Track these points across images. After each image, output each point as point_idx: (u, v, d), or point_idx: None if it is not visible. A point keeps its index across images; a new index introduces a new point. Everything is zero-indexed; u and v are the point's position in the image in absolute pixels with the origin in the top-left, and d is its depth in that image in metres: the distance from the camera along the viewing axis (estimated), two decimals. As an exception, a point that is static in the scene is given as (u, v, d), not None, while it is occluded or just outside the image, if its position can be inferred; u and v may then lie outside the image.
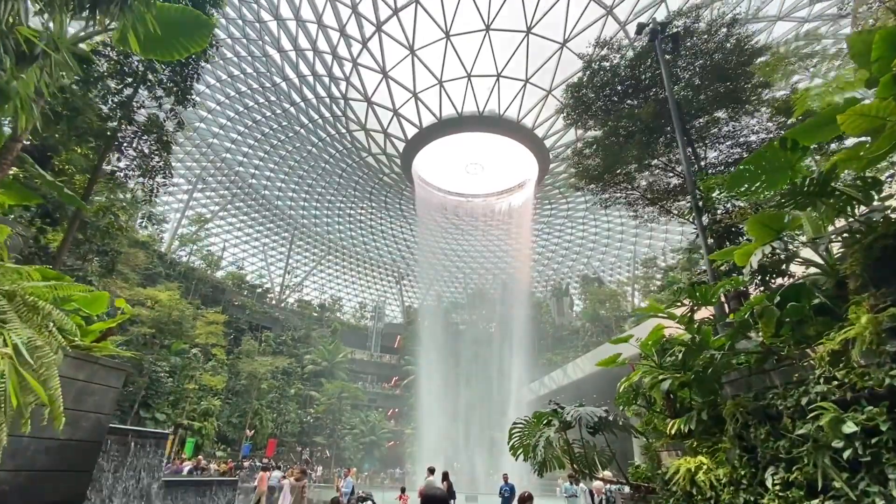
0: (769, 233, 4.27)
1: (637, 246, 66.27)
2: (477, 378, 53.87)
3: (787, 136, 3.93)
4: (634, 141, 9.90)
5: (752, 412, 4.14)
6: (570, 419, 6.16)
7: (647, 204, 11.81)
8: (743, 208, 6.75)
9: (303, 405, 50.58)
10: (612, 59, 10.66)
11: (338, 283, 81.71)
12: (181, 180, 57.03)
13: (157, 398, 34.49)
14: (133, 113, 10.67)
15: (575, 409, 6.35)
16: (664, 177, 11.39)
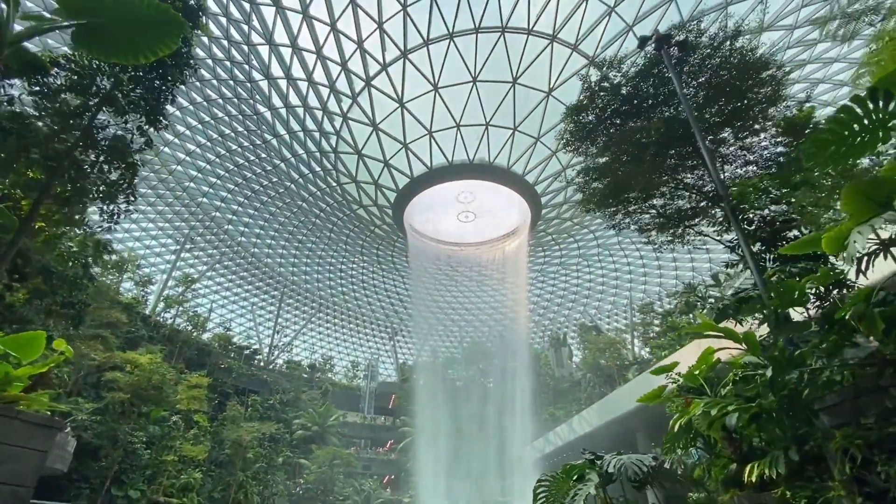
0: (870, 207, 3.42)
1: (633, 292, 65.63)
2: (477, 438, 51.03)
3: (877, 86, 3.24)
4: (644, 161, 9.36)
5: (876, 444, 3.14)
6: (612, 471, 4.99)
7: (659, 229, 11.13)
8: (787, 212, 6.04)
9: (291, 475, 46.91)
10: (612, 79, 10.39)
11: (329, 342, 79.19)
12: (169, 241, 56.31)
13: (132, 473, 31.58)
14: (96, 132, 9.91)
15: (616, 457, 5.20)
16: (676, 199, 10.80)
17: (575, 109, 10.80)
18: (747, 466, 4.14)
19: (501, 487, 44.79)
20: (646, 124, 9.30)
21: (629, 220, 11.54)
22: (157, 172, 46.92)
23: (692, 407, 4.34)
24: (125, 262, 49.02)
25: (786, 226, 5.76)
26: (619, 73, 10.36)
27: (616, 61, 10.55)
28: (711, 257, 56.84)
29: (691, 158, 9.45)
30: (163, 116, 11.03)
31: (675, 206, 10.83)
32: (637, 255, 58.94)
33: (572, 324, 74.36)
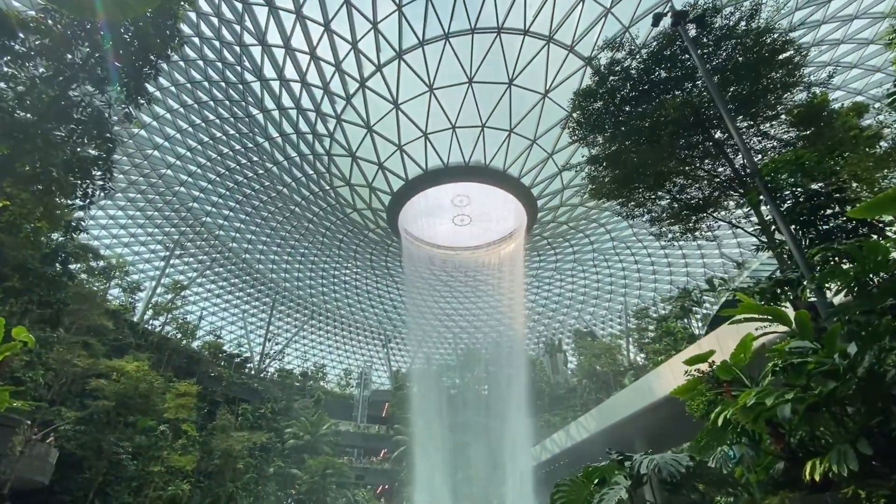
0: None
1: (627, 297, 65.44)
2: (472, 446, 50.20)
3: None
4: (657, 147, 8.93)
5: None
6: (644, 471, 4.47)
7: (672, 219, 10.70)
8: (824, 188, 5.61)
9: (283, 485, 45.72)
10: (623, 62, 9.97)
11: (321, 350, 78.08)
12: (158, 247, 55.28)
13: (117, 485, 30.44)
14: (75, 108, 9.23)
15: (647, 457, 4.68)
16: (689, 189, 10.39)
17: (584, 94, 10.37)
18: (808, 464, 3.64)
19: (498, 495, 43.93)
20: (663, 101, 8.88)
21: (641, 209, 11.08)
22: (147, 177, 46.11)
23: (742, 397, 3.84)
24: (113, 268, 47.98)
25: (829, 200, 5.33)
26: (630, 55, 9.95)
27: (626, 42, 10.12)
28: (706, 262, 56.92)
29: (704, 145, 9.07)
30: (145, 93, 10.41)
31: (688, 196, 10.41)
32: (632, 259, 58.81)
33: (567, 330, 74.05)
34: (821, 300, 4.49)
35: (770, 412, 4.03)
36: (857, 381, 3.41)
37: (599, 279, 63.45)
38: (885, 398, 3.41)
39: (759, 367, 5.18)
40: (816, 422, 4.06)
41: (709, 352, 4.77)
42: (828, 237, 5.25)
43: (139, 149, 42.07)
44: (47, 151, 8.49)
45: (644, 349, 58.17)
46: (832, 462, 3.41)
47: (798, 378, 4.15)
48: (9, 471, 20.02)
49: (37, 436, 24.74)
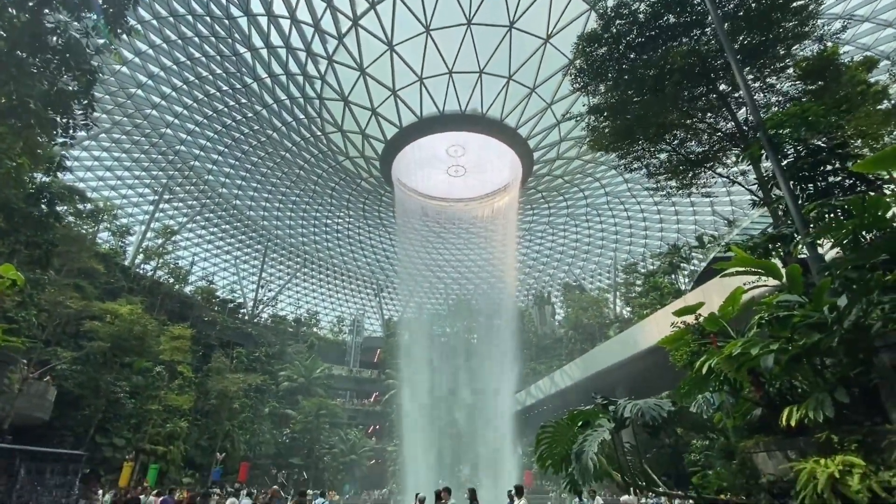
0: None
1: (618, 252, 66.14)
2: (460, 391, 52.15)
3: None
4: (660, 98, 8.67)
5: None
6: (628, 415, 4.65)
7: (670, 173, 10.58)
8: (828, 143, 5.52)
9: (278, 425, 47.67)
10: (631, 5, 9.46)
11: (314, 297, 78.95)
12: (146, 190, 54.20)
13: (116, 421, 31.50)
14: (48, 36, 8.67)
15: (631, 402, 4.86)
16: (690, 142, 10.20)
17: (588, 39, 9.90)
18: (785, 410, 3.80)
19: (483, 436, 46.19)
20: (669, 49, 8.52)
21: (639, 162, 10.91)
22: (131, 117, 44.43)
23: (728, 347, 3.94)
24: (101, 211, 47.30)
25: (831, 155, 5.25)
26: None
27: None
28: (697, 219, 57.27)
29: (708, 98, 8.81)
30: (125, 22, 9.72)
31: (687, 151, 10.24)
32: (624, 215, 58.95)
33: (557, 283, 75.22)
34: (813, 256, 4.53)
35: (753, 362, 4.16)
36: (842, 333, 3.51)
37: (591, 234, 63.80)
38: (868, 350, 3.52)
39: (746, 321, 5.30)
40: (796, 372, 4.20)
41: (698, 304, 4.85)
42: (825, 194, 5.23)
43: (122, 87, 40.25)
44: (23, 82, 7.99)
45: (630, 303, 59.58)
46: (809, 409, 3.56)
47: (783, 330, 4.25)
48: (8, 407, 20.54)
49: (34, 374, 25.23)
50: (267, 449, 44.16)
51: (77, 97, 9.26)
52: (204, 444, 38.81)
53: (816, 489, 3.41)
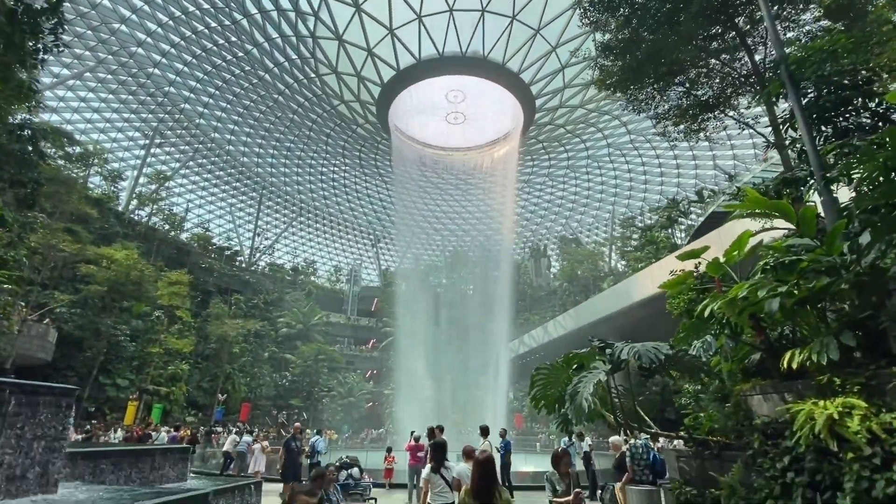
0: None
1: (616, 206, 65.76)
2: (455, 339, 53.24)
3: None
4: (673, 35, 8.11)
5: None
6: (625, 357, 4.61)
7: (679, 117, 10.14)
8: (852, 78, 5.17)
9: (277, 368, 49.04)
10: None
11: (311, 246, 78.92)
12: (136, 134, 52.68)
13: (118, 363, 32.28)
14: None
15: (628, 345, 4.80)
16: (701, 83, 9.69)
17: (599, -35, 9.17)
18: (787, 354, 3.74)
19: (477, 382, 47.65)
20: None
21: (648, 103, 10.42)
22: (116, 55, 42.35)
23: (734, 289, 3.82)
24: (91, 154, 46.27)
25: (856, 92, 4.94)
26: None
27: None
28: (698, 173, 56.57)
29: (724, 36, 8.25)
30: None
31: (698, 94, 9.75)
32: (625, 168, 58.11)
33: (553, 236, 75.27)
34: (827, 199, 4.33)
35: (757, 306, 4.06)
36: (857, 274, 3.37)
37: (590, 186, 63.13)
38: (882, 292, 3.41)
39: (749, 267, 5.17)
40: (798, 317, 4.12)
41: (703, 248, 4.70)
42: (844, 135, 4.97)
43: (104, 22, 38.06)
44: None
45: (626, 257, 59.95)
46: (813, 352, 3.49)
47: (789, 276, 4.11)
48: (9, 347, 20.86)
49: (32, 316, 25.50)
50: (267, 391, 45.65)
51: (45, 14, 8.57)
52: (205, 386, 40.06)
53: (813, 430, 3.39)
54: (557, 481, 5.00)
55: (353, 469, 6.22)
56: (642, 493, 6.89)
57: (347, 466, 6.39)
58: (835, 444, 3.26)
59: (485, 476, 3.59)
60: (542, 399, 6.08)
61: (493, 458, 3.80)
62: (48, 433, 4.51)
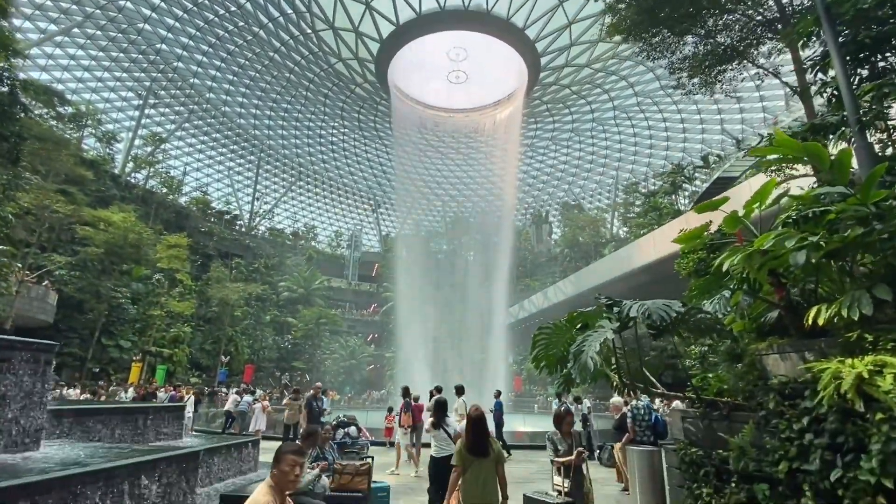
0: None
1: (619, 171, 64.73)
2: (456, 304, 53.53)
3: None
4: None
5: None
6: (634, 315, 4.35)
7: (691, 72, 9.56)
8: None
9: (280, 332, 49.57)
10: None
11: (311, 211, 78.30)
12: (129, 94, 51.30)
13: (121, 325, 32.49)
14: None
15: (637, 302, 4.54)
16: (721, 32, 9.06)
17: None
18: (812, 310, 3.46)
19: (477, 346, 48.22)
20: None
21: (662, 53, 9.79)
22: (104, 10, 40.68)
23: (759, 240, 3.50)
24: (83, 115, 45.25)
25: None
26: None
27: None
28: (705, 138, 55.32)
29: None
30: None
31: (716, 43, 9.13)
32: (630, 131, 56.82)
33: (555, 202, 74.48)
34: (862, 144, 3.95)
35: (779, 261, 3.76)
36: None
37: (594, 151, 61.93)
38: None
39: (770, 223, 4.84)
40: (823, 272, 3.82)
41: (723, 198, 4.35)
42: (882, 75, 4.54)
43: (88, -28, 36.35)
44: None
45: (628, 223, 59.52)
46: (843, 307, 3.21)
47: (815, 228, 3.78)
48: (8, 309, 20.86)
49: (30, 277, 25.43)
50: (270, 353, 46.28)
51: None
52: (208, 348, 40.55)
53: (838, 389, 3.15)
54: (559, 441, 4.85)
55: (350, 427, 6.21)
56: (643, 454, 6.81)
57: (344, 425, 6.34)
58: (861, 404, 3.02)
59: (478, 430, 3.99)
60: (544, 360, 5.87)
61: (485, 415, 4.22)
62: (28, 389, 4.31)
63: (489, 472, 3.90)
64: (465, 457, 3.93)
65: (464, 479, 3.91)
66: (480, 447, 3.92)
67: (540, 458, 12.09)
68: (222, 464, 6.23)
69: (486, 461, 3.90)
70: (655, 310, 4.35)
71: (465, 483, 3.89)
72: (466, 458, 3.92)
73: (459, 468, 3.95)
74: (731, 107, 49.64)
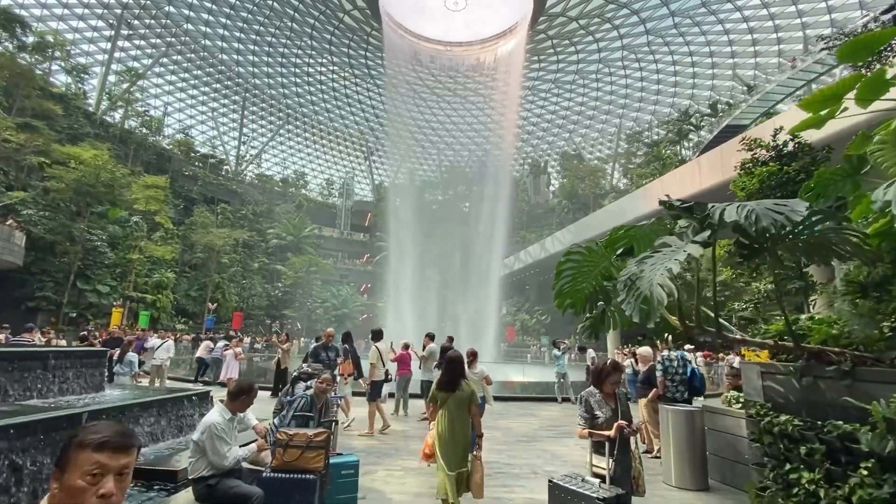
0: None
1: (623, 119, 61.92)
2: (450, 255, 52.40)
3: None
4: None
5: None
6: (732, 220, 2.80)
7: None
8: None
9: (269, 280, 48.34)
10: None
11: (301, 157, 75.16)
12: (100, 23, 47.12)
13: (98, 269, 30.91)
14: None
15: (734, 204, 2.97)
16: None
17: None
18: None
19: (469, 297, 47.54)
20: None
21: None
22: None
23: None
24: (49, 45, 41.77)
25: None
26: None
27: None
28: (715, 83, 52.49)
29: None
30: None
31: None
32: (638, 75, 53.74)
33: (555, 151, 71.88)
34: None
35: None
36: None
37: (598, 97, 58.88)
38: None
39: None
40: None
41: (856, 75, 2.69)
42: None
43: None
44: None
45: (629, 174, 57.62)
46: None
47: None
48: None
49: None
50: (259, 301, 45.25)
51: None
52: (194, 295, 39.34)
53: None
54: (599, 404, 3.43)
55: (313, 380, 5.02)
56: (680, 414, 5.50)
57: (307, 377, 5.05)
58: None
59: (450, 369, 4.16)
60: (569, 296, 4.38)
61: (461, 357, 4.42)
62: None
63: (458, 408, 4.01)
64: (435, 394, 4.13)
65: (439, 415, 4.06)
66: (450, 383, 4.06)
67: (542, 412, 11.03)
68: (155, 424, 4.86)
69: (454, 396, 4.02)
70: (764, 213, 2.79)
71: (437, 420, 4.06)
72: (438, 395, 4.11)
73: (433, 405, 4.18)
74: (745, 49, 46.63)
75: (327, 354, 8.51)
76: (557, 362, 12.48)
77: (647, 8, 39.69)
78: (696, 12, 41.15)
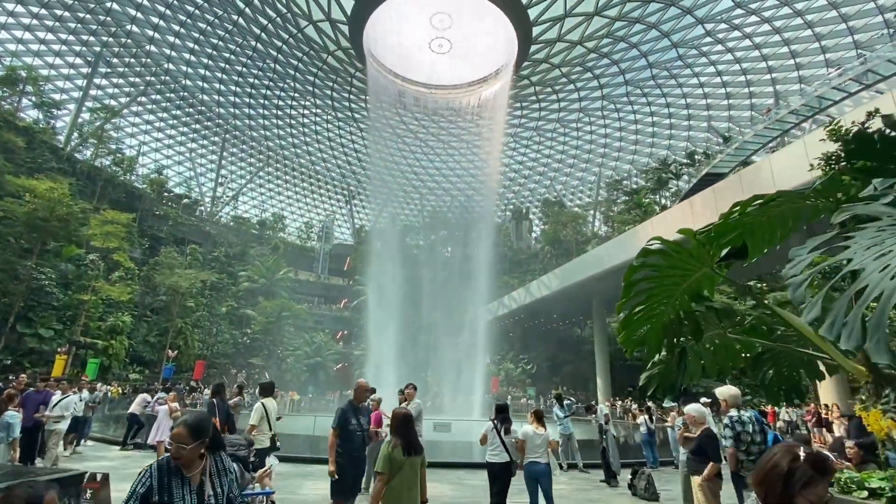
0: None
1: (603, 168, 62.87)
2: (432, 301, 50.49)
3: None
4: None
5: None
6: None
7: None
8: None
9: (237, 325, 45.21)
10: None
11: (280, 200, 73.58)
12: (78, 60, 46.16)
13: (43, 311, 27.95)
14: None
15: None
16: None
17: None
18: None
19: (451, 346, 45.26)
20: None
21: None
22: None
23: None
24: (18, 78, 40.54)
25: None
26: None
27: None
28: (691, 135, 53.86)
29: None
30: None
31: None
32: (617, 125, 54.87)
33: (536, 198, 72.25)
34: None
35: None
36: None
37: (579, 145, 59.81)
38: None
39: None
40: None
41: None
42: None
43: None
44: None
45: (611, 220, 57.80)
46: None
47: None
48: None
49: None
50: (224, 348, 42.02)
51: None
52: (153, 341, 36.13)
53: None
54: None
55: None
56: None
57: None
58: None
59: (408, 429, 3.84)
60: (647, 322, 2.73)
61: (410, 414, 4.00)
62: None
63: (414, 473, 3.71)
64: (396, 460, 3.67)
65: (389, 487, 3.61)
66: (415, 444, 3.77)
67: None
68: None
69: (415, 460, 3.74)
70: None
71: (392, 490, 3.61)
72: (397, 461, 3.67)
73: (386, 474, 3.62)
74: (719, 102, 48.17)
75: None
76: (560, 422, 10.52)
77: (626, 59, 40.75)
78: (673, 65, 42.48)
